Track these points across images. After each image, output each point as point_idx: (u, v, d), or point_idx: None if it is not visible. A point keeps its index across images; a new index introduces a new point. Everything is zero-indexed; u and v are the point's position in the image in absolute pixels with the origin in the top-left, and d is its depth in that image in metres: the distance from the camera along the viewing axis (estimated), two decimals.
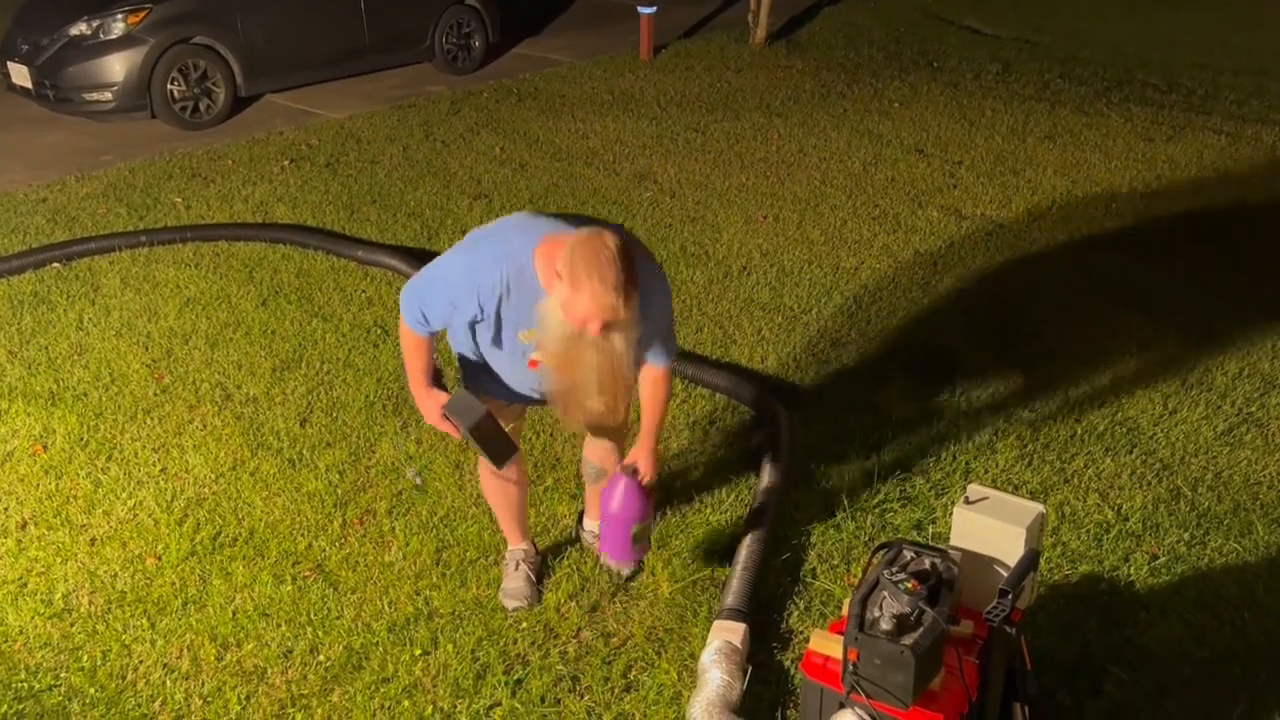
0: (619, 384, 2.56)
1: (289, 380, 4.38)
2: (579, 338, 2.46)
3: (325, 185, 6.54)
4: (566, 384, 2.60)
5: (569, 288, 2.40)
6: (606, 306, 2.38)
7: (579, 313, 2.41)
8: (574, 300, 2.40)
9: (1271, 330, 4.65)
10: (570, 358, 2.51)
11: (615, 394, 2.58)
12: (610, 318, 2.40)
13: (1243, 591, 3.16)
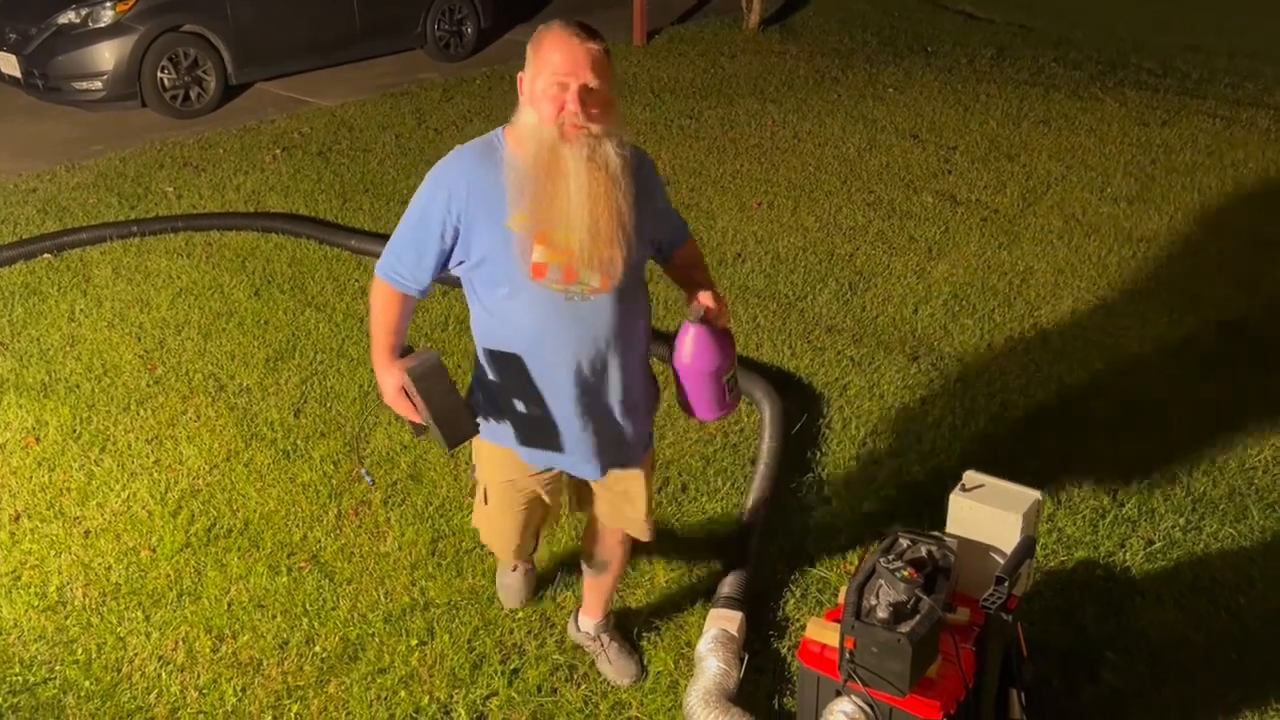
0: (612, 213, 2.13)
1: (282, 370, 4.36)
2: (558, 143, 2.10)
3: (317, 174, 6.50)
4: (550, 208, 2.14)
5: (531, 60, 2.13)
6: (574, 48, 2.08)
7: (546, 78, 2.09)
8: (538, 68, 2.11)
9: (1269, 315, 4.65)
10: (552, 170, 2.11)
11: (607, 224, 2.14)
12: (584, 65, 2.08)
13: (1238, 576, 3.16)
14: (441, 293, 4.94)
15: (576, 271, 2.19)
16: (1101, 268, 5.13)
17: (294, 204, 6.07)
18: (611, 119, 2.12)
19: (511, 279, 2.22)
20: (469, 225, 2.21)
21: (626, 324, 2.31)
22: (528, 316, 2.26)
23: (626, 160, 2.15)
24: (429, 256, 2.26)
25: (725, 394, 2.45)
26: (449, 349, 4.48)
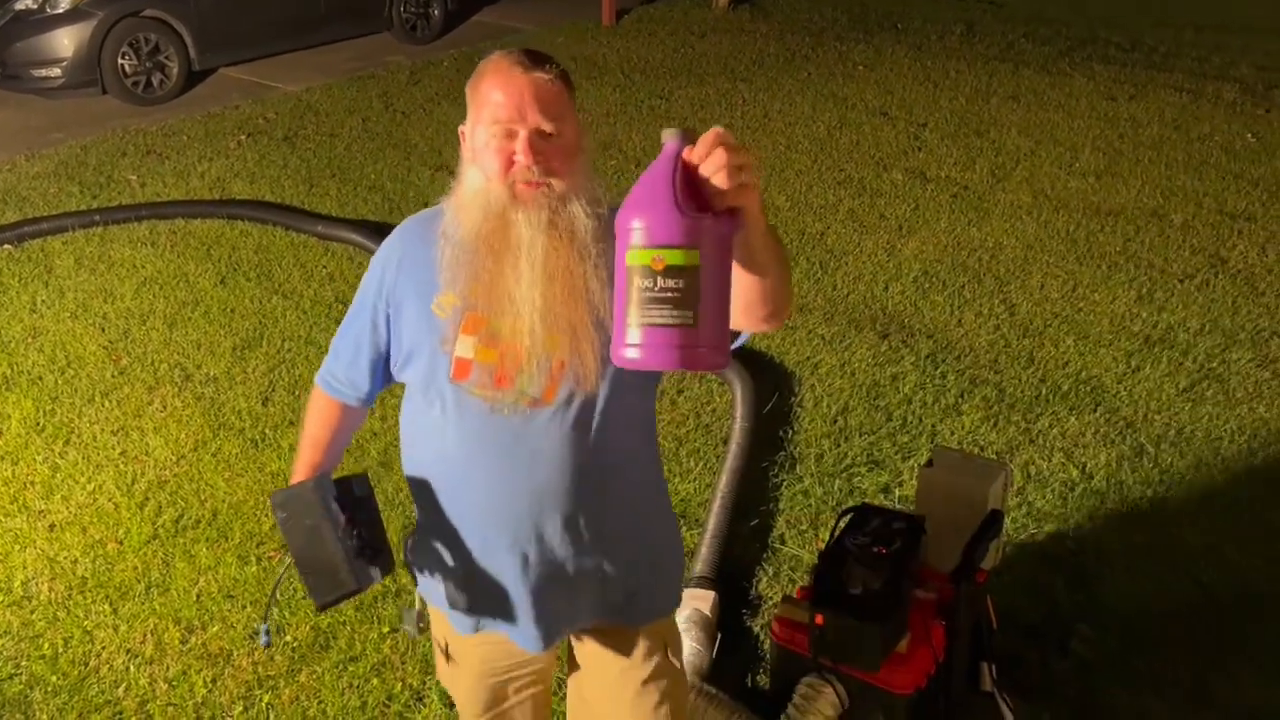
0: (574, 295, 1.58)
1: (250, 359, 4.32)
2: (509, 207, 1.57)
3: (283, 159, 6.42)
4: (490, 289, 1.61)
5: (470, 105, 1.62)
6: (517, 82, 1.56)
7: (487, 126, 1.57)
8: (477, 114, 1.60)
9: (1234, 286, 4.69)
10: (497, 241, 1.58)
11: (567, 310, 1.59)
12: (532, 103, 1.55)
13: (1205, 546, 3.19)
14: None
15: (511, 375, 1.62)
16: (1070, 242, 5.15)
17: (260, 190, 5.99)
18: (577, 170, 1.61)
19: (428, 379, 1.69)
20: (397, 309, 1.72)
21: (596, 451, 1.67)
22: (442, 433, 1.69)
23: (603, 222, 1.57)
24: (364, 354, 1.78)
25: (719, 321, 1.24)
26: None
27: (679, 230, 1.09)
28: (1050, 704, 2.64)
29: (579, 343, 1.61)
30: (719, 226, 1.12)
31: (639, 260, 1.09)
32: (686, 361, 1.10)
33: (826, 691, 2.38)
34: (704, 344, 1.10)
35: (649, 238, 1.09)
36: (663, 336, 1.09)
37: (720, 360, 1.13)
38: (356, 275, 4.93)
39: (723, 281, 1.13)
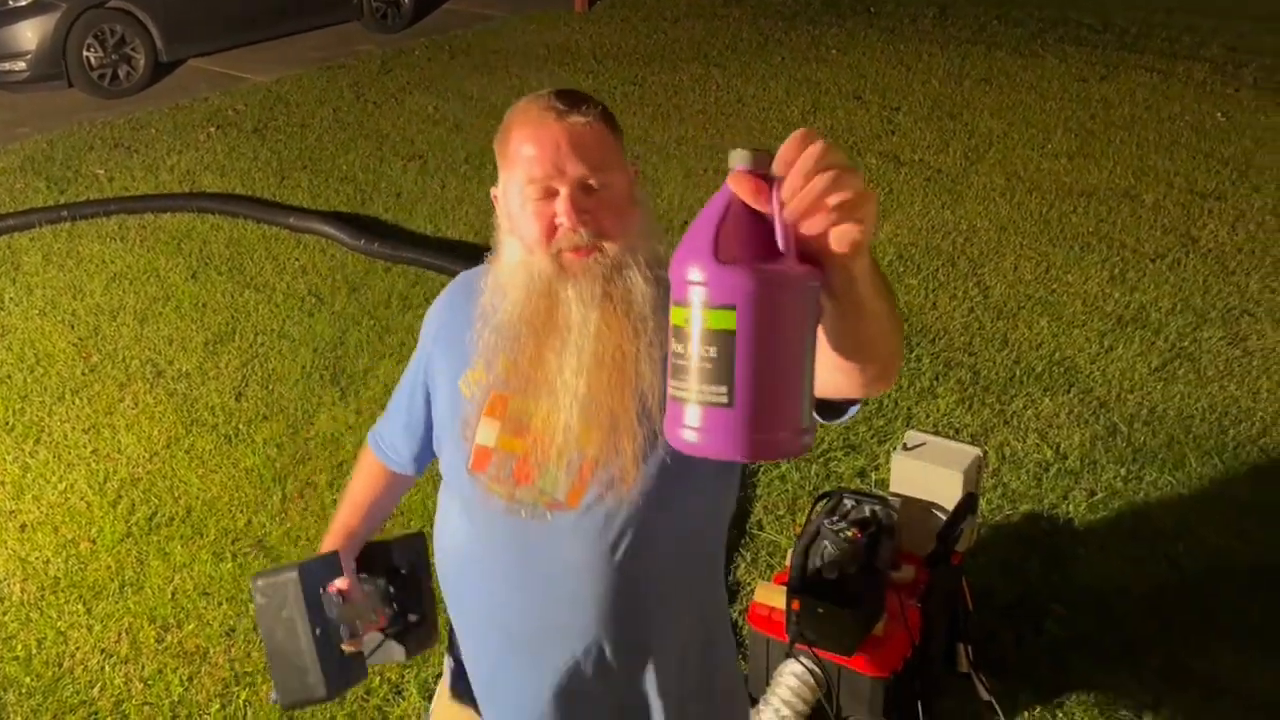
0: (623, 382, 1.36)
1: (222, 354, 4.28)
2: (555, 281, 1.36)
3: (254, 151, 6.36)
4: (530, 372, 1.41)
5: (500, 162, 1.42)
6: (552, 131, 1.35)
7: (521, 186, 1.37)
8: (509, 171, 1.39)
9: (1205, 265, 4.72)
10: (544, 321, 1.38)
11: (613, 399, 1.36)
12: (571, 153, 1.34)
13: (1177, 523, 3.22)
14: (385, 268, 4.87)
15: (534, 471, 1.42)
16: (1043, 223, 5.17)
17: (230, 183, 5.93)
18: (632, 226, 1.38)
19: (451, 467, 1.53)
20: (434, 384, 1.58)
21: (627, 570, 1.42)
22: (455, 529, 1.54)
23: (665, 287, 1.20)
24: (410, 423, 1.66)
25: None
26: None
27: (709, 283, 0.82)
28: (1026, 683, 2.66)
29: (619, 438, 1.36)
30: (785, 279, 0.83)
31: (673, 319, 0.85)
32: (718, 448, 0.84)
33: (804, 676, 2.39)
34: (745, 429, 0.83)
35: (679, 291, 0.84)
36: (688, 416, 0.84)
37: (780, 448, 0.86)
38: (329, 267, 4.91)
39: (785, 350, 0.84)
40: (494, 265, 1.45)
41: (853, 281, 0.88)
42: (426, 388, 1.59)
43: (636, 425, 1.36)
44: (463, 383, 1.50)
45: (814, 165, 0.80)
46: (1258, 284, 4.55)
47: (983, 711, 2.57)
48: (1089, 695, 2.64)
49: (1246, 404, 3.76)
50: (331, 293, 4.68)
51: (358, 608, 1.57)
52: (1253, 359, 4.03)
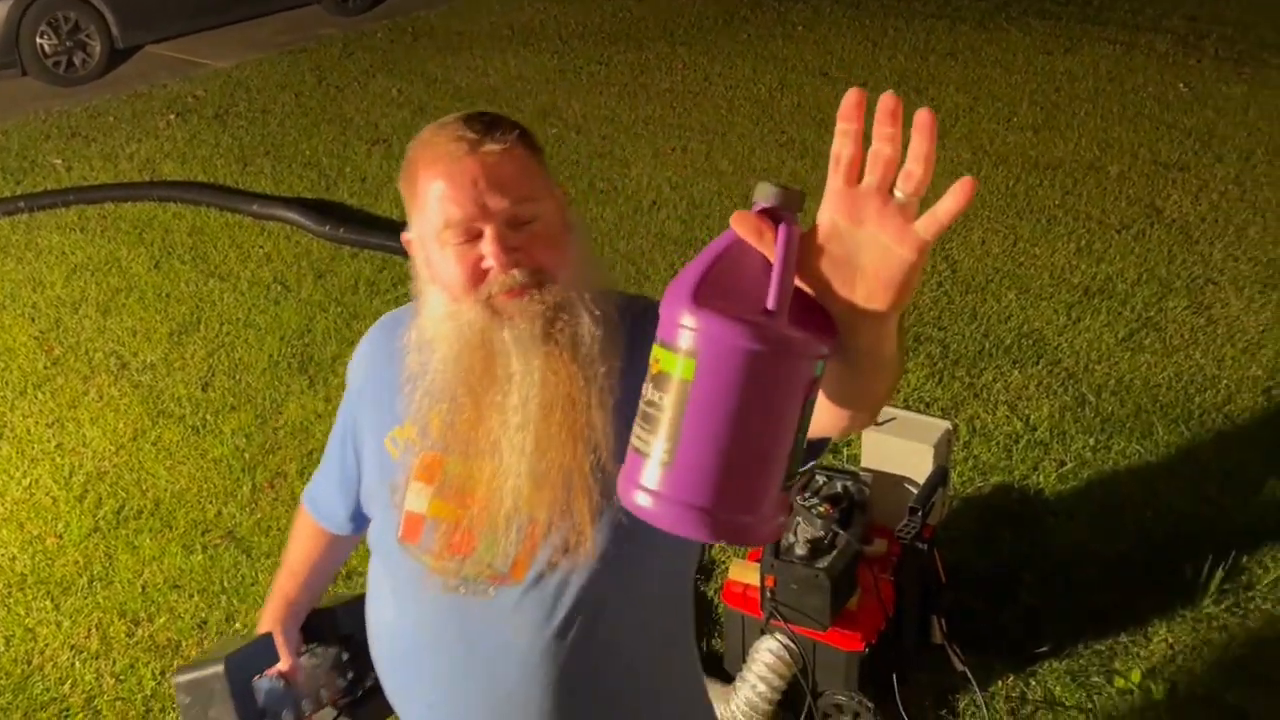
0: (574, 435, 1.20)
1: (187, 344, 4.22)
2: (491, 328, 1.21)
3: (215, 138, 6.26)
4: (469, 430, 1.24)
5: (408, 202, 1.27)
6: (463, 164, 1.19)
7: (436, 228, 1.20)
8: (419, 211, 1.23)
9: (1169, 235, 4.76)
10: (480, 373, 1.22)
11: (565, 455, 1.20)
12: (488, 185, 1.18)
13: (1145, 491, 3.26)
14: (351, 253, 4.82)
15: (472, 540, 1.25)
16: (1010, 197, 5.19)
17: (191, 171, 5.84)
18: (570, 257, 1.23)
19: (379, 536, 1.36)
20: (360, 440, 1.42)
21: (580, 651, 1.25)
22: (391, 606, 1.35)
23: (614, 326, 1.23)
24: (341, 482, 1.49)
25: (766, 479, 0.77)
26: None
27: (679, 324, 0.71)
28: (1000, 653, 2.68)
29: (572, 497, 1.20)
30: (772, 340, 0.70)
31: (651, 358, 0.74)
32: (663, 517, 0.71)
33: (780, 652, 2.40)
34: (677, 497, 0.71)
35: (661, 329, 0.73)
36: (645, 474, 0.72)
37: (741, 533, 0.73)
38: (295, 254, 4.85)
39: (757, 421, 0.70)
40: (417, 320, 1.28)
41: (885, 336, 0.75)
42: (355, 447, 1.43)
43: (591, 482, 1.20)
44: (389, 441, 1.33)
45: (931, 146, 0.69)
46: (1221, 253, 4.60)
47: (957, 682, 2.59)
48: (1061, 663, 2.67)
49: (1211, 372, 3.80)
50: (297, 280, 4.63)
51: (305, 686, 1.45)
52: (1217, 327, 4.07)
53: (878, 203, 0.71)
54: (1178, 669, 2.64)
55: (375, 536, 1.37)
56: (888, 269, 0.71)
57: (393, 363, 1.32)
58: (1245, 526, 3.03)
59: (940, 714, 2.55)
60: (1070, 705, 2.56)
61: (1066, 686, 2.61)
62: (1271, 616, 2.76)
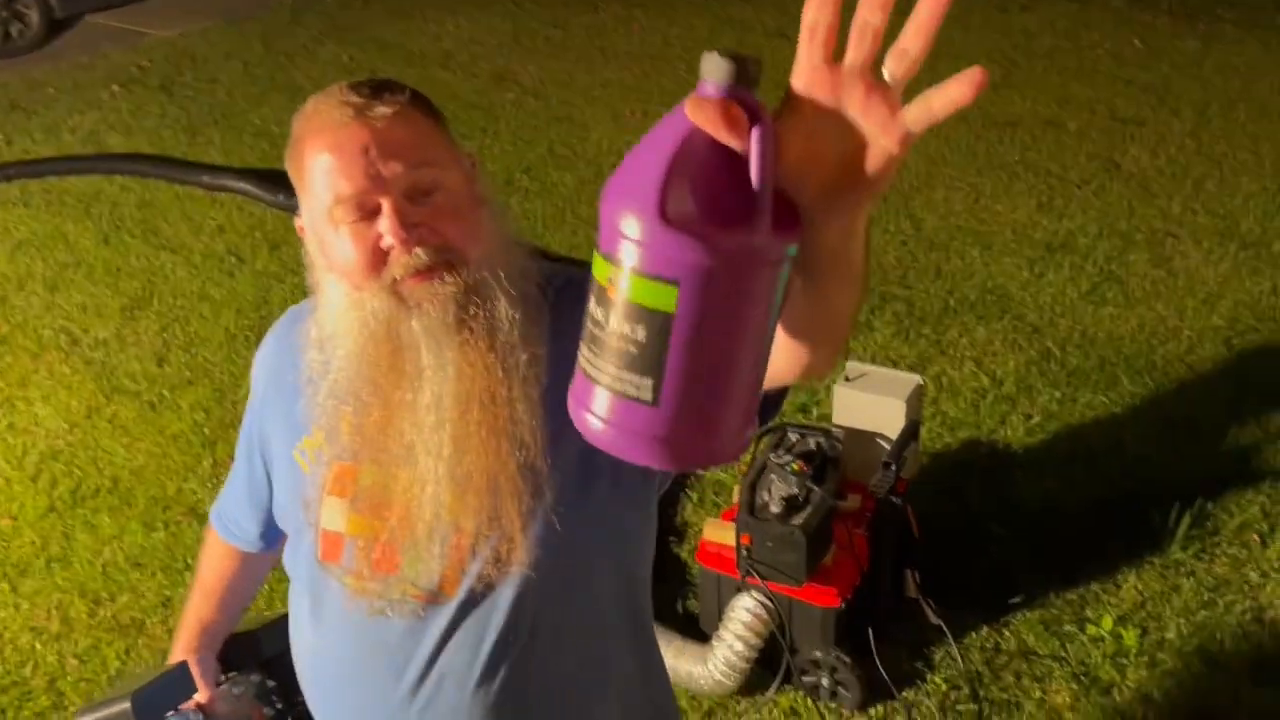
0: (497, 433, 1.08)
1: (140, 319, 4.11)
2: (396, 316, 1.08)
3: (161, 109, 6.10)
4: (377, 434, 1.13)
5: (295, 180, 1.13)
6: (351, 131, 1.06)
7: (325, 206, 1.07)
8: (306, 188, 1.10)
9: (1129, 190, 4.79)
10: (387, 368, 1.10)
11: (488, 456, 1.08)
12: (381, 155, 1.05)
13: (1110, 443, 3.28)
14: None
15: (398, 556, 1.14)
16: (970, 155, 5.19)
17: (137, 143, 5.68)
18: (482, 232, 1.10)
19: (294, 556, 1.25)
20: (267, 449, 1.30)
21: (521, 668, 1.15)
22: (313, 632, 1.23)
23: (537, 306, 1.11)
24: (249, 495, 1.36)
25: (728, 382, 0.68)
26: None
27: (647, 245, 0.60)
28: (973, 605, 2.69)
29: (499, 501, 1.08)
30: (757, 253, 0.62)
31: (597, 272, 0.64)
32: (627, 449, 0.65)
33: (756, 609, 2.39)
34: (669, 434, 0.64)
35: (608, 238, 0.63)
36: (596, 402, 0.65)
37: (713, 455, 0.67)
38: (248, 226, 4.74)
39: (737, 344, 0.64)
40: (315, 313, 1.15)
41: (853, 235, 0.67)
42: (263, 455, 1.30)
43: (520, 484, 1.08)
44: (297, 453, 1.21)
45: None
46: (1179, 206, 4.63)
47: (932, 635, 2.60)
48: (1033, 613, 2.69)
49: (1173, 323, 3.84)
50: (252, 251, 4.52)
51: (227, 718, 1.35)
52: (1177, 279, 4.10)
53: (862, 85, 0.60)
54: (1148, 615, 2.66)
55: (292, 558, 1.25)
56: (866, 160, 0.62)
57: (296, 365, 1.19)
58: (1210, 474, 3.07)
59: (916, 666, 2.56)
60: (1044, 654, 2.58)
61: (1040, 635, 2.62)
62: (1237, 560, 2.80)
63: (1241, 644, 2.57)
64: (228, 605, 1.46)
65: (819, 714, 2.44)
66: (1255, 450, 3.18)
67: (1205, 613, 2.65)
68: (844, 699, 2.45)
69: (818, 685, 2.46)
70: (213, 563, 1.47)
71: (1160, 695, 2.46)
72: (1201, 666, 2.52)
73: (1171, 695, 2.45)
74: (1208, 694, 2.45)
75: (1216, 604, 2.67)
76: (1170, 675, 2.50)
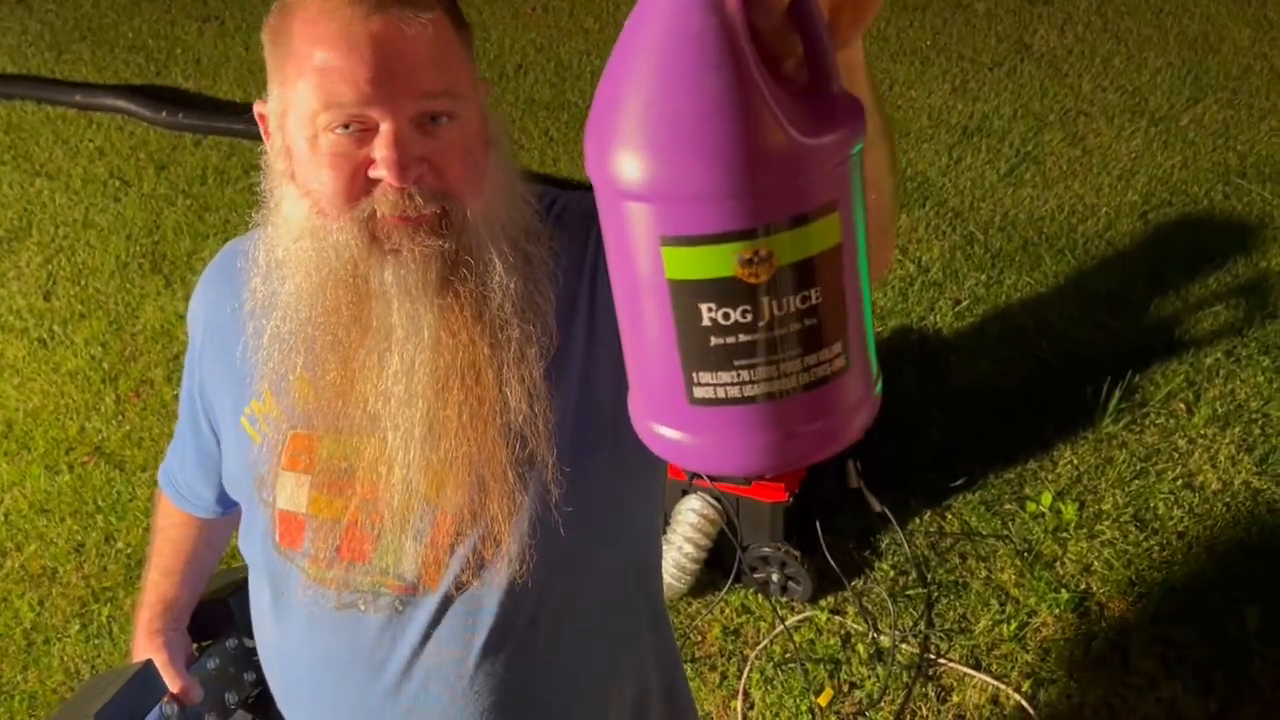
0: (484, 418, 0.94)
1: (20, 251, 3.82)
2: (367, 261, 0.91)
3: (21, 24, 5.61)
4: (336, 399, 0.97)
5: (274, 67, 0.92)
6: (361, 23, 0.86)
7: (311, 110, 0.88)
8: (288, 83, 0.90)
9: (1040, 70, 4.77)
10: (348, 318, 0.93)
11: (469, 441, 0.93)
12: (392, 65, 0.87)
13: (1037, 322, 3.30)
14: (194, 140, 4.41)
15: (367, 544, 0.99)
16: (882, 40, 5.10)
17: None
18: (485, 185, 0.93)
19: (249, 536, 1.11)
20: (211, 407, 1.14)
21: (515, 675, 1.02)
22: (275, 627, 1.09)
23: (544, 270, 0.95)
24: (190, 456, 1.22)
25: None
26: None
27: (802, 183, 0.47)
28: (915, 491, 2.70)
29: (486, 500, 0.94)
30: (856, 116, 0.52)
31: (702, 269, 0.47)
32: (839, 437, 0.55)
33: (704, 510, 2.34)
34: (859, 396, 0.56)
35: (721, 217, 0.46)
36: (791, 416, 0.52)
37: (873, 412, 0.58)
38: (130, 146, 4.42)
39: (862, 251, 0.54)
40: (265, 228, 0.95)
41: (853, 69, 0.60)
42: (207, 413, 1.14)
43: (510, 476, 0.93)
44: (245, 419, 1.04)
45: None
46: (1090, 84, 4.63)
47: (876, 523, 2.60)
48: (974, 494, 2.70)
49: (1090, 200, 3.85)
50: (137, 173, 4.22)
51: (206, 700, 1.22)
52: (1092, 157, 4.12)
53: None
54: (1084, 488, 2.70)
55: (246, 540, 1.10)
56: None
57: (238, 318, 1.00)
58: (1135, 347, 3.11)
59: (864, 555, 2.56)
60: (987, 534, 2.60)
61: (982, 516, 2.64)
62: (1165, 429, 2.85)
63: (1174, 509, 2.62)
64: (189, 578, 1.29)
65: (771, 609, 2.43)
66: (1176, 321, 3.23)
67: (1139, 482, 2.70)
68: (794, 592, 2.44)
69: (768, 581, 2.44)
70: (169, 533, 1.29)
71: (1101, 565, 2.50)
72: (1138, 534, 2.57)
73: (1111, 564, 2.50)
74: (1145, 560, 2.50)
75: (1149, 473, 2.73)
76: (1109, 545, 2.55)
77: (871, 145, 0.59)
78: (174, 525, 1.30)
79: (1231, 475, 2.70)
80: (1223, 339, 3.13)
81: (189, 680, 1.21)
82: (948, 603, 2.45)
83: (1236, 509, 2.61)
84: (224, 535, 1.35)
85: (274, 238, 0.95)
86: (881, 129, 0.63)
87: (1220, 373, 3.01)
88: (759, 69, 0.47)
